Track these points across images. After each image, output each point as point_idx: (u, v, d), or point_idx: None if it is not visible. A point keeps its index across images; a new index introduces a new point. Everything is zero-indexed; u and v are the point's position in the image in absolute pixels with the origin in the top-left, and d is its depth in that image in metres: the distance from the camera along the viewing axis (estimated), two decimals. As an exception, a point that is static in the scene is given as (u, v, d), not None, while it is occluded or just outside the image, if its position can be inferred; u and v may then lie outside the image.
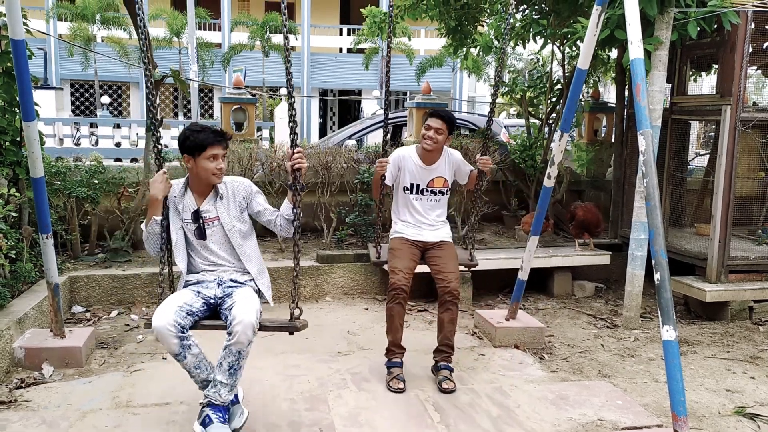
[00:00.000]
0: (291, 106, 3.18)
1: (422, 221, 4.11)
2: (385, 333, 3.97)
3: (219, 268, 3.27)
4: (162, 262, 3.20)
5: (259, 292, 3.30)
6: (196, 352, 3.04)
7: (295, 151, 3.16)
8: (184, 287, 3.25)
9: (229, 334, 2.97)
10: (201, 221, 3.23)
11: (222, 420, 2.98)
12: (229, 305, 3.09)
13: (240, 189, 3.31)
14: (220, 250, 3.27)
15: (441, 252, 4.04)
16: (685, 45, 5.74)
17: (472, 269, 4.33)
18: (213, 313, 3.19)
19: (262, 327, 3.09)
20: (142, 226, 3.23)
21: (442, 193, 4.16)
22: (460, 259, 4.10)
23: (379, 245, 4.28)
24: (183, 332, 2.98)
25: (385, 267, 4.16)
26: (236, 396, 3.20)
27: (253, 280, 3.30)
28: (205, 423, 2.98)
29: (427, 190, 4.13)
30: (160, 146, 3.27)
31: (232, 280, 3.25)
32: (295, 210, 3.20)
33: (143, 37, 3.27)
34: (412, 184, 4.11)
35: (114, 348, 4.38)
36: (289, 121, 3.19)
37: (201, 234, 3.23)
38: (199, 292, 3.17)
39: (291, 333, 3.20)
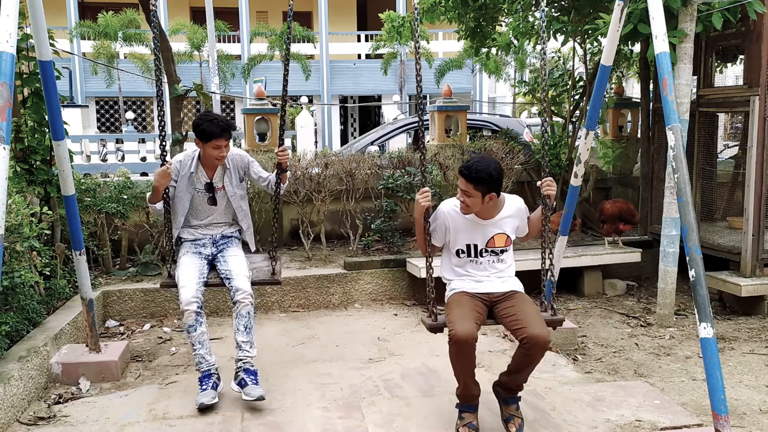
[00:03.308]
0: (282, 108, 3.97)
1: (484, 277, 3.40)
2: (454, 376, 3.27)
3: (214, 226, 3.99)
4: (167, 228, 3.87)
5: (244, 244, 4.11)
6: (204, 329, 3.65)
7: (280, 149, 3.91)
8: (181, 243, 3.96)
9: (235, 303, 3.68)
10: (213, 191, 3.91)
11: (255, 382, 3.60)
12: (226, 274, 3.78)
13: (239, 161, 3.99)
14: (220, 211, 3.98)
15: (514, 301, 3.29)
16: (709, 36, 5.65)
17: (556, 327, 3.49)
18: (211, 266, 3.90)
19: (252, 283, 3.79)
20: (148, 200, 3.86)
21: (505, 252, 3.42)
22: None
23: (434, 308, 3.39)
24: (201, 307, 3.63)
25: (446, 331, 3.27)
26: (256, 375, 3.68)
27: (240, 231, 4.09)
28: (241, 384, 3.60)
29: (486, 251, 3.36)
30: (166, 153, 3.83)
31: (222, 236, 4.00)
32: (278, 185, 4.01)
33: (158, 52, 3.80)
34: (467, 246, 3.35)
35: (148, 361, 4.43)
36: (280, 122, 3.97)
37: (213, 201, 3.94)
38: (200, 253, 3.87)
39: (272, 285, 4.16)
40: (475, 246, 3.34)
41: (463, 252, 3.36)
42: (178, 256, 3.89)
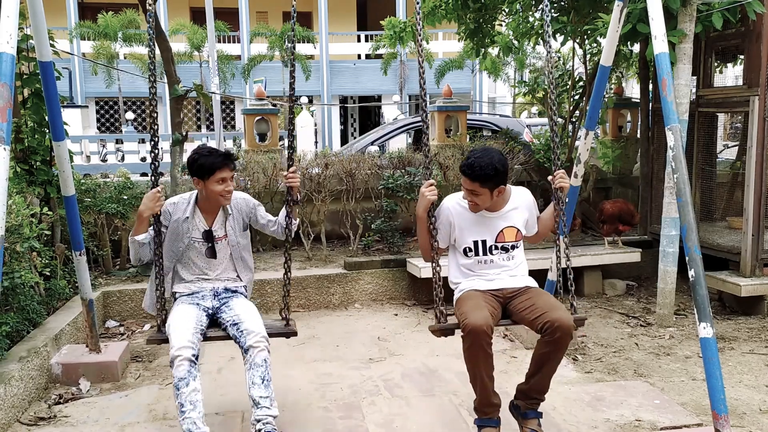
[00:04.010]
0: (291, 122, 3.40)
1: (495, 275, 3.20)
2: (470, 383, 3.07)
3: (214, 281, 3.39)
4: (158, 278, 3.23)
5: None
6: (198, 386, 2.96)
7: (290, 170, 3.33)
8: (176, 298, 3.37)
9: (247, 350, 3.07)
10: (213, 241, 3.33)
11: None
12: (233, 320, 3.20)
13: (243, 206, 3.43)
14: (221, 264, 3.40)
15: (530, 294, 3.11)
16: (709, 37, 5.65)
17: (578, 327, 3.10)
18: (211, 322, 3.31)
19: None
20: (130, 237, 3.22)
21: (516, 248, 3.22)
22: None
23: (443, 308, 3.10)
24: (196, 357, 3.02)
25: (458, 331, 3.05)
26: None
27: (246, 287, 3.47)
28: None
29: (496, 248, 3.16)
30: (158, 162, 3.30)
31: (226, 289, 3.39)
32: (288, 219, 3.37)
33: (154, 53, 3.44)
34: (475, 243, 3.15)
35: (148, 361, 4.43)
36: (289, 138, 3.40)
37: (212, 253, 3.34)
38: (198, 304, 3.29)
39: (288, 337, 3.40)
40: (484, 242, 3.15)
41: (470, 250, 3.17)
42: (172, 309, 3.28)
